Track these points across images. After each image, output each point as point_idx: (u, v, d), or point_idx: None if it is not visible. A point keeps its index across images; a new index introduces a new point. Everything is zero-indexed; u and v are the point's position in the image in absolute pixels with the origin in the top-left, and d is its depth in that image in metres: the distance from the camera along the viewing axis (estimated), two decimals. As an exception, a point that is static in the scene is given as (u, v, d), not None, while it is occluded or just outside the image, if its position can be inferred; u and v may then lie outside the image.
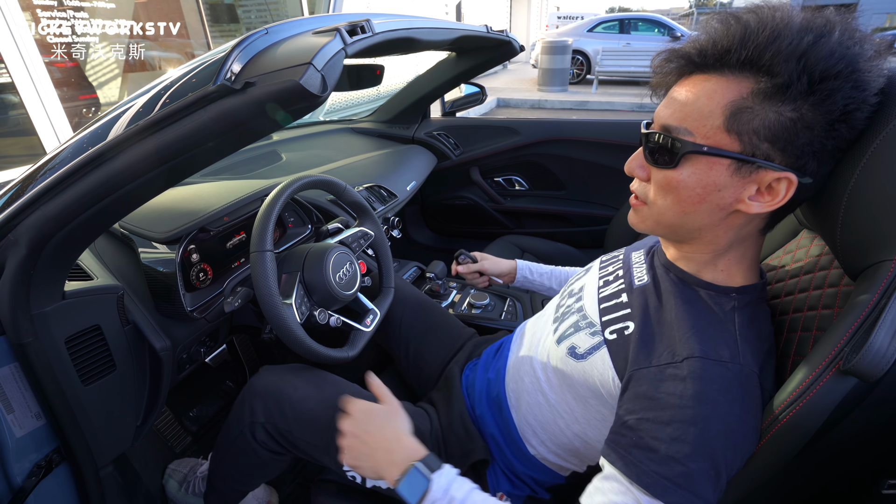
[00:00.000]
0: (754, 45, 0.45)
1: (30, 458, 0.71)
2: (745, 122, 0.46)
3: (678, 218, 0.53)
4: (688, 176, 0.50)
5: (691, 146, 0.48)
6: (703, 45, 0.48)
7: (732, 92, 0.46)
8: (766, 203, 0.48)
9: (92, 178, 0.55)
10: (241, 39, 0.53)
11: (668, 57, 0.53)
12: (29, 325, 0.64)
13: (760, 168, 0.47)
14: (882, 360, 0.39)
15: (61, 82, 2.98)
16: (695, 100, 0.49)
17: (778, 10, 0.46)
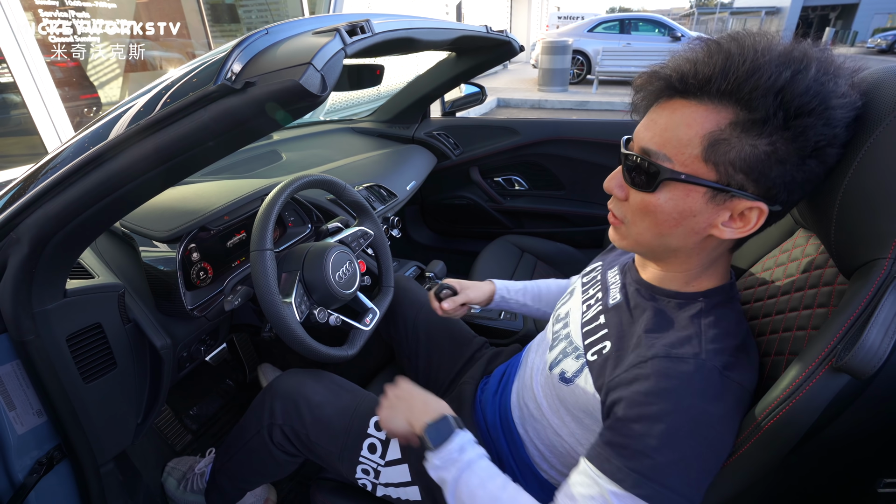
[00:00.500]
0: (735, 77, 0.45)
1: (31, 455, 0.71)
2: (722, 153, 0.47)
3: (655, 239, 0.55)
4: (665, 201, 0.51)
5: (670, 173, 0.50)
6: (685, 71, 0.48)
7: (711, 122, 0.47)
8: (737, 229, 0.51)
9: (93, 177, 0.55)
10: (241, 39, 0.53)
11: (649, 77, 0.53)
12: (30, 322, 0.64)
13: (734, 197, 0.49)
14: (874, 357, 0.40)
15: (63, 82, 2.99)
16: (674, 127, 0.49)
17: (759, 40, 0.47)
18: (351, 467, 0.80)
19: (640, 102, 0.56)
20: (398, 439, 0.74)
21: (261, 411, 0.85)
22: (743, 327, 0.56)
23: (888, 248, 0.44)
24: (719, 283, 0.58)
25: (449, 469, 0.60)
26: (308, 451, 0.84)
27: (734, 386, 0.49)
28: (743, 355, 0.53)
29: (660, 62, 0.53)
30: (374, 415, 0.82)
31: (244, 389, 1.47)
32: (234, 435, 0.91)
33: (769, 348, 0.58)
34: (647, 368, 0.51)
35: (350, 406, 0.83)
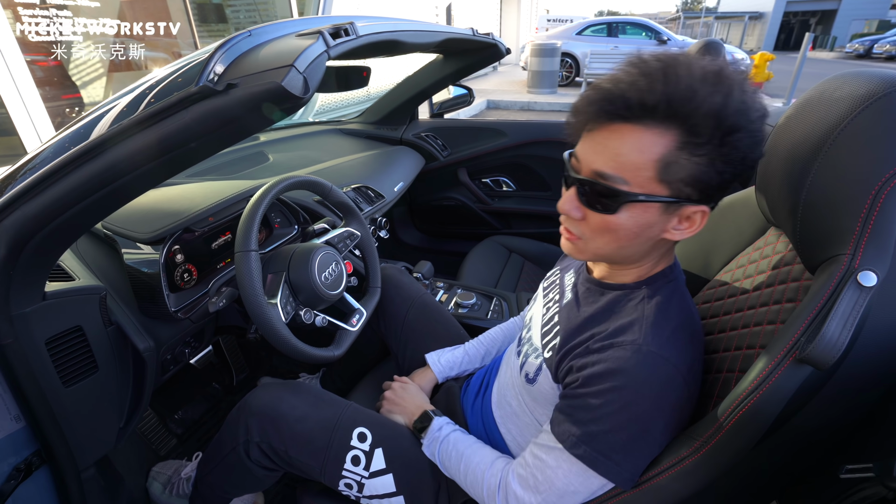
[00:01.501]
0: (677, 102, 0.49)
1: (8, 462, 0.70)
2: (673, 173, 0.52)
3: (615, 251, 0.60)
4: (626, 219, 0.55)
5: (630, 196, 0.53)
6: (629, 98, 0.51)
7: (660, 146, 0.51)
8: (685, 231, 0.57)
9: (74, 177, 0.55)
10: (224, 41, 0.53)
11: (591, 101, 0.54)
12: (8, 326, 0.63)
13: (684, 205, 0.54)
14: (833, 348, 0.42)
15: (43, 81, 2.94)
16: (627, 152, 0.52)
17: (688, 63, 0.50)
18: (334, 481, 0.79)
19: (580, 124, 0.57)
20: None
21: (236, 428, 0.83)
22: (684, 307, 0.61)
23: (847, 244, 0.46)
24: (661, 268, 0.63)
25: (433, 445, 0.79)
26: (288, 465, 0.82)
27: (668, 367, 0.55)
28: (682, 335, 0.57)
29: (599, 85, 0.55)
30: (357, 425, 0.81)
31: (230, 392, 1.45)
32: (211, 448, 0.89)
33: (741, 342, 0.60)
34: (593, 356, 0.58)
35: (332, 419, 0.82)
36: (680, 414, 0.57)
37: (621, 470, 0.56)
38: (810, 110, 0.54)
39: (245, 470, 0.84)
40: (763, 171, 0.63)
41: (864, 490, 0.47)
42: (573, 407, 0.59)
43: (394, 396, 0.92)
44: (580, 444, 0.57)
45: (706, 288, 0.77)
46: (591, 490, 0.59)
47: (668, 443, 0.57)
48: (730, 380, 0.59)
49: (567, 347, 0.63)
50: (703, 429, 0.53)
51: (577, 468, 0.58)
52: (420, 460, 0.81)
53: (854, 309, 0.43)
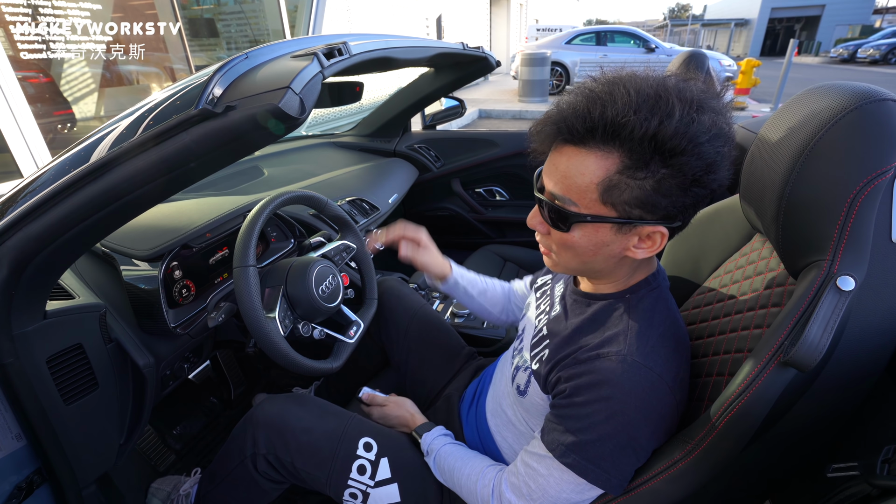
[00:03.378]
0: (611, 127, 0.50)
1: (10, 481, 0.70)
2: (616, 195, 0.53)
3: (581, 265, 0.62)
4: (579, 237, 0.58)
5: (577, 216, 0.56)
6: (570, 122, 0.52)
7: (601, 169, 0.52)
8: (647, 249, 0.58)
9: (75, 198, 0.56)
10: (222, 64, 0.55)
11: (542, 125, 0.57)
12: (10, 345, 0.64)
13: (637, 225, 0.55)
14: (815, 351, 0.43)
15: (35, 98, 2.94)
16: (573, 174, 0.54)
17: (631, 85, 0.51)
18: (339, 491, 0.80)
19: (538, 147, 0.60)
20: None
21: (243, 441, 0.84)
22: (667, 315, 0.62)
23: (826, 250, 0.48)
24: (644, 276, 0.65)
25: (429, 459, 0.82)
26: (293, 477, 0.83)
27: (652, 376, 0.56)
28: (667, 342, 0.59)
29: (549, 109, 0.57)
30: (363, 435, 0.83)
31: (229, 407, 1.45)
32: (216, 462, 0.90)
33: (729, 346, 0.62)
34: (580, 367, 0.60)
35: (338, 429, 0.83)
36: (667, 422, 0.58)
37: (610, 477, 0.57)
38: (788, 121, 0.57)
39: (252, 483, 0.84)
40: (746, 180, 0.65)
41: (849, 488, 0.48)
42: (561, 417, 0.60)
43: (382, 423, 0.93)
44: (569, 454, 0.58)
45: (696, 294, 0.79)
46: (583, 497, 0.61)
47: (655, 449, 0.58)
48: (720, 383, 0.60)
49: (555, 360, 0.64)
50: (694, 431, 0.54)
51: (567, 476, 0.59)
52: (425, 470, 0.82)
53: (834, 313, 0.45)
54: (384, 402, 0.97)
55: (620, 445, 0.57)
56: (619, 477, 0.58)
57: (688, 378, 0.61)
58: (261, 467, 0.82)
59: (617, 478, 0.57)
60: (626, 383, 0.56)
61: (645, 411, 0.56)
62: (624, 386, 0.56)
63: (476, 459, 0.76)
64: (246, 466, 0.83)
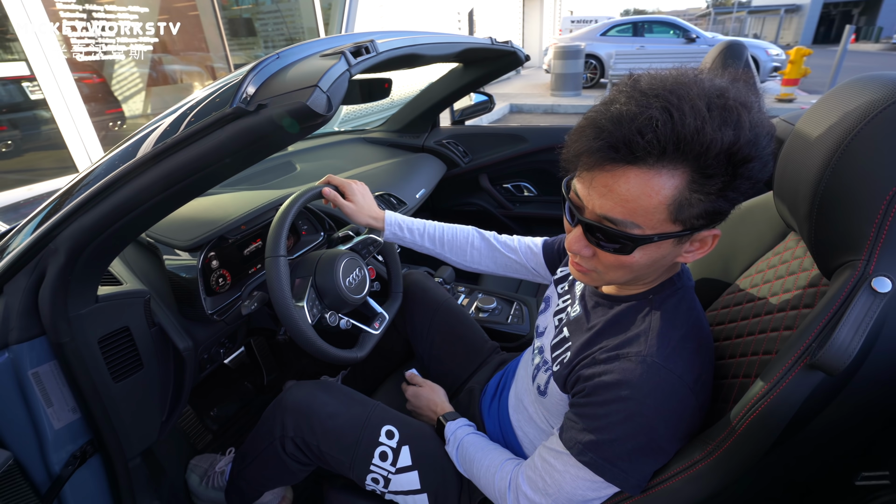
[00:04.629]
0: (686, 143, 0.46)
1: (66, 449, 0.77)
2: (686, 212, 0.50)
3: (629, 279, 0.61)
4: (640, 257, 0.55)
5: (644, 239, 0.52)
6: (631, 140, 0.47)
7: (671, 189, 0.49)
8: (697, 253, 0.57)
9: (123, 192, 0.60)
10: (255, 64, 0.58)
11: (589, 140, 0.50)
12: (66, 326, 0.70)
13: (697, 232, 0.53)
14: (844, 354, 0.42)
15: (89, 98, 3.13)
16: (637, 197, 0.50)
17: (686, 95, 0.47)
18: (361, 476, 0.83)
19: (574, 160, 0.54)
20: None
21: (272, 423, 0.88)
22: (691, 316, 0.61)
23: (862, 249, 0.46)
24: (665, 278, 0.63)
25: (451, 448, 0.84)
26: (319, 460, 0.87)
27: (672, 378, 0.55)
28: (689, 344, 0.58)
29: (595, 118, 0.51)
30: (385, 423, 0.86)
31: (261, 392, 1.52)
32: (248, 443, 0.95)
33: (757, 348, 0.60)
34: (599, 367, 0.59)
35: (361, 416, 0.86)
36: (688, 423, 0.57)
37: (628, 476, 0.57)
38: (825, 114, 0.54)
39: (280, 463, 0.89)
40: (780, 175, 0.63)
41: (879, 497, 0.47)
42: (580, 415, 0.60)
43: (413, 402, 0.99)
44: (586, 452, 0.58)
45: (725, 293, 0.77)
46: (599, 495, 0.61)
47: (676, 451, 0.57)
48: (746, 385, 0.59)
49: (575, 361, 0.64)
50: (716, 433, 0.53)
51: (584, 474, 0.59)
52: (445, 460, 0.84)
53: (867, 315, 0.44)
54: (422, 384, 1.01)
55: (638, 446, 0.56)
56: (636, 477, 0.57)
57: (711, 380, 0.60)
58: (289, 449, 0.86)
59: (634, 477, 0.57)
60: (645, 385, 0.55)
61: (664, 413, 0.55)
62: (643, 387, 0.55)
63: (495, 452, 0.78)
64: (275, 448, 0.87)
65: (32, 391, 0.71)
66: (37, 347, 0.71)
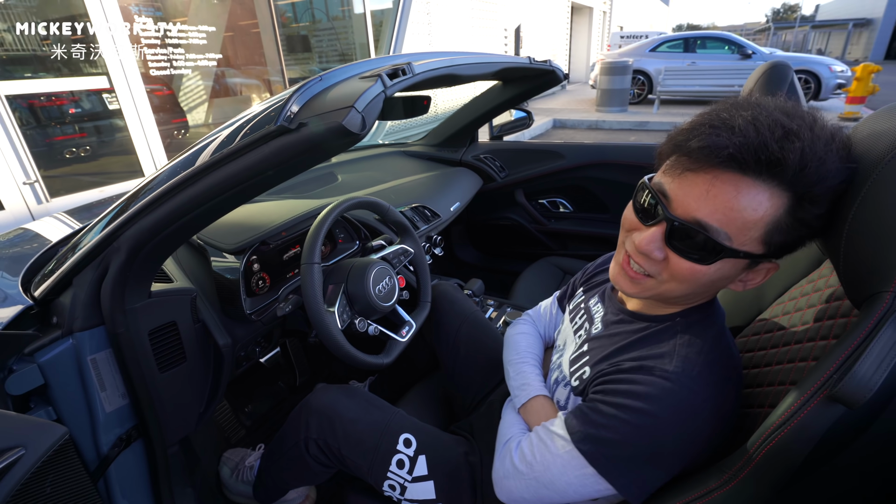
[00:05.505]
0: (809, 170, 0.46)
1: (114, 432, 0.84)
2: (776, 235, 0.50)
3: (682, 294, 0.58)
4: (714, 271, 0.53)
5: (731, 252, 0.50)
6: (760, 155, 0.46)
7: (774, 208, 0.48)
8: (749, 283, 0.56)
9: (179, 198, 0.67)
10: (300, 86, 0.63)
11: (706, 138, 0.49)
12: (123, 318, 0.77)
13: (766, 260, 0.53)
14: (864, 387, 0.40)
15: (158, 108, 3.40)
16: (742, 208, 0.48)
17: (807, 120, 0.48)
18: (379, 481, 0.85)
19: (679, 154, 0.52)
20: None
21: (297, 424, 0.92)
22: (719, 344, 0.59)
23: (890, 281, 0.44)
24: (696, 303, 0.62)
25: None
26: (340, 463, 0.90)
27: (695, 400, 0.54)
28: (716, 371, 0.56)
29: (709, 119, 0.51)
30: (403, 431, 0.87)
31: (294, 392, 1.58)
32: (275, 442, 1.00)
33: (784, 377, 0.58)
34: (621, 375, 0.60)
35: (381, 423, 0.89)
36: (696, 447, 0.56)
37: (619, 475, 0.56)
38: (862, 140, 0.53)
39: (304, 464, 0.92)
40: None
41: None
42: (592, 409, 0.60)
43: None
44: (587, 442, 0.58)
45: (756, 320, 0.75)
46: (584, 487, 0.60)
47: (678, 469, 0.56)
48: (770, 415, 0.57)
49: (595, 374, 0.65)
50: (733, 461, 0.52)
51: (576, 462, 0.59)
52: (461, 471, 0.85)
53: (892, 349, 0.42)
54: None
55: (640, 455, 0.56)
56: (629, 479, 0.57)
57: (732, 411, 0.58)
58: (312, 450, 0.90)
59: (628, 478, 0.57)
60: (665, 400, 0.54)
61: (676, 433, 0.54)
62: (664, 402, 0.54)
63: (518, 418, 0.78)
64: (299, 448, 0.91)
65: (90, 375, 0.79)
66: (96, 336, 0.78)
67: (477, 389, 1.09)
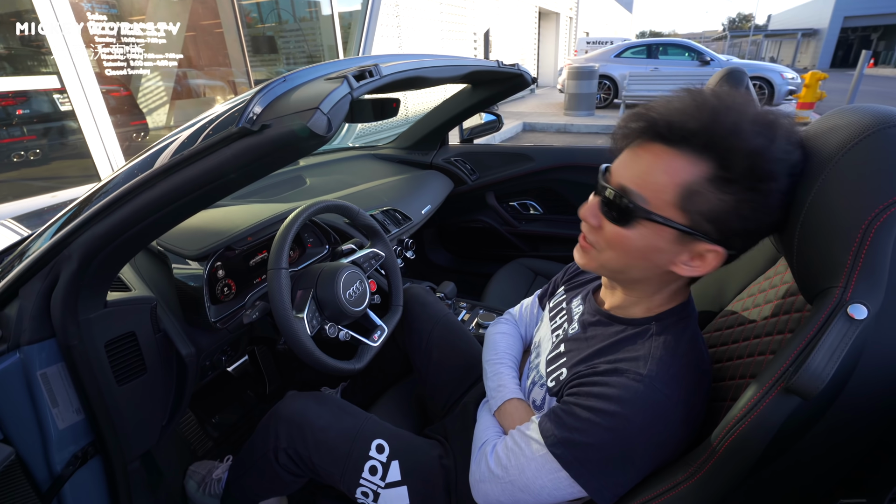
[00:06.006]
0: (718, 135, 0.50)
1: (69, 449, 0.79)
2: (694, 202, 0.52)
3: (620, 267, 0.61)
4: (637, 236, 0.56)
5: (645, 213, 0.54)
6: (673, 121, 0.52)
7: (688, 173, 0.51)
8: (695, 268, 0.56)
9: (135, 203, 0.64)
10: (263, 86, 0.61)
11: (636, 117, 0.56)
12: (76, 329, 0.73)
13: (698, 240, 0.54)
14: (818, 379, 0.42)
15: (115, 110, 3.25)
16: (654, 171, 0.53)
17: (739, 100, 0.52)
18: (351, 489, 0.84)
19: (621, 138, 0.59)
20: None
21: (266, 434, 0.90)
22: (693, 347, 0.60)
23: (839, 276, 0.47)
24: (672, 305, 0.63)
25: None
26: (311, 472, 0.88)
27: (667, 403, 0.55)
28: (688, 374, 0.58)
29: (647, 104, 0.57)
30: (375, 437, 0.86)
31: (263, 401, 1.54)
32: (244, 452, 0.96)
33: (745, 371, 0.60)
34: (596, 377, 0.61)
35: (352, 430, 0.87)
36: (667, 450, 0.57)
37: (591, 478, 0.57)
38: (810, 144, 0.56)
39: (274, 474, 0.90)
40: None
41: None
42: (565, 412, 0.61)
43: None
44: (560, 446, 0.59)
45: (718, 316, 0.78)
46: (558, 490, 0.61)
47: (649, 471, 0.58)
48: (732, 408, 0.59)
49: (571, 375, 0.65)
50: (698, 455, 0.54)
51: (550, 465, 0.60)
52: (434, 475, 0.84)
53: (842, 341, 0.44)
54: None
55: (612, 457, 0.57)
56: (600, 481, 0.58)
57: (703, 412, 0.60)
58: (281, 460, 0.87)
59: (599, 481, 0.58)
60: (638, 403, 0.55)
61: (648, 435, 0.56)
62: (635, 405, 0.55)
63: (491, 419, 0.79)
64: (268, 458, 0.88)
65: (40, 391, 0.74)
66: (46, 349, 0.74)
67: (450, 392, 1.09)
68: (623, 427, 0.56)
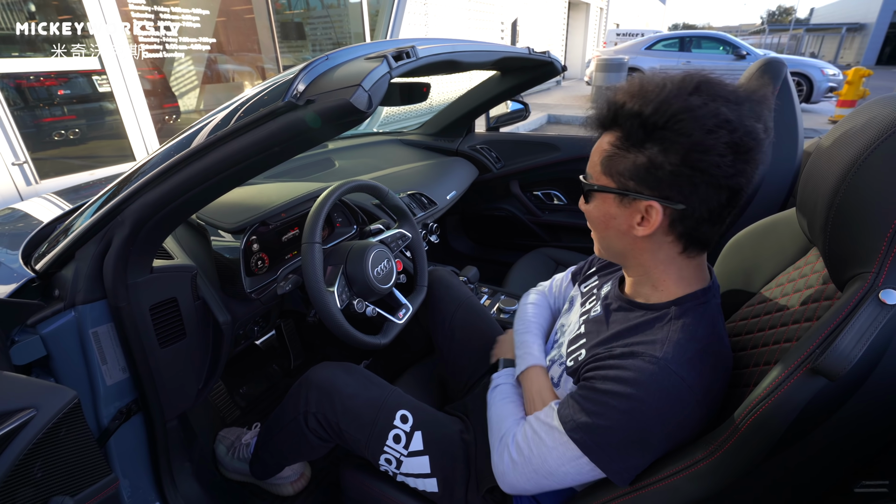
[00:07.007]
0: (613, 108, 0.61)
1: (115, 405, 0.85)
2: (612, 166, 0.61)
3: (605, 243, 0.69)
4: (593, 209, 0.66)
5: (588, 186, 0.65)
6: (599, 111, 0.64)
7: (605, 144, 0.62)
8: (647, 227, 0.60)
9: (185, 172, 0.68)
10: (306, 64, 0.64)
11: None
12: (125, 291, 0.78)
13: (634, 199, 0.60)
14: (845, 360, 0.43)
15: (150, 92, 3.35)
16: (593, 153, 0.65)
17: (646, 79, 0.60)
18: (375, 455, 0.87)
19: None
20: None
21: (297, 399, 0.94)
22: (713, 331, 0.61)
23: (872, 263, 0.47)
24: (691, 290, 0.64)
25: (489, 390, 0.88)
26: (338, 437, 0.92)
27: (682, 386, 0.56)
28: (706, 358, 0.59)
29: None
30: (400, 408, 0.90)
31: (288, 375, 1.60)
32: (274, 417, 1.01)
33: (770, 358, 0.61)
34: (612, 361, 0.63)
35: (378, 399, 0.91)
36: (685, 431, 0.59)
37: (612, 462, 0.60)
38: (847, 131, 0.55)
39: (303, 437, 0.94)
40: (803, 190, 0.64)
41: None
42: (583, 398, 0.63)
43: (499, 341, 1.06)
44: (579, 431, 0.62)
45: (745, 305, 0.78)
46: (580, 472, 0.63)
47: (666, 451, 0.59)
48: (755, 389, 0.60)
49: (589, 356, 0.67)
50: (719, 433, 0.55)
51: (571, 451, 0.63)
52: (455, 448, 0.87)
53: (872, 325, 0.44)
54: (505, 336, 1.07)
55: (629, 440, 0.59)
56: (621, 465, 0.60)
57: (721, 396, 0.61)
58: (311, 424, 0.92)
59: (619, 465, 0.60)
60: (653, 385, 0.57)
61: (664, 417, 0.57)
62: (650, 387, 0.57)
63: (513, 406, 0.80)
64: (298, 422, 0.93)
65: (91, 348, 0.79)
66: (98, 309, 0.79)
67: (471, 372, 1.12)
68: (638, 409, 0.57)
